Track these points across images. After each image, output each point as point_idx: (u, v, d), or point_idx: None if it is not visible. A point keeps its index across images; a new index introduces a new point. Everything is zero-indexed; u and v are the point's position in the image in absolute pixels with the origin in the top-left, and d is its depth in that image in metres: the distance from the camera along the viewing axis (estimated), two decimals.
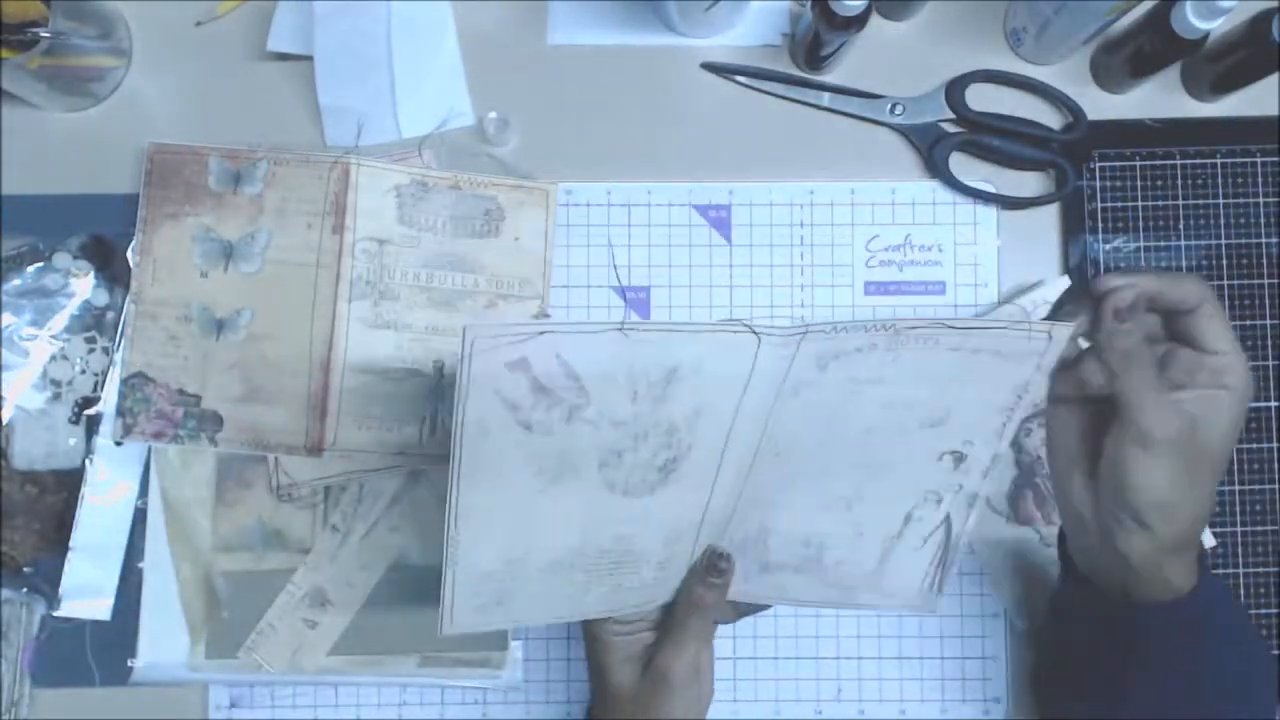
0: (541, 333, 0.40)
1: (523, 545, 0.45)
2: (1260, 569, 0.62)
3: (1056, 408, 0.47)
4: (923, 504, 0.48)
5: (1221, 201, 0.63)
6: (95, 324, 0.62)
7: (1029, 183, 0.64)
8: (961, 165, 0.64)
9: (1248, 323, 0.63)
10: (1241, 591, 0.61)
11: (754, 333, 0.41)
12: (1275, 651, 0.61)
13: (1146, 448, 0.44)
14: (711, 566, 0.48)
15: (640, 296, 0.63)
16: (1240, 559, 0.62)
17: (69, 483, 0.61)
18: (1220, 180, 0.63)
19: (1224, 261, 0.63)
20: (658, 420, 0.43)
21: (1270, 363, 0.63)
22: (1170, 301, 0.45)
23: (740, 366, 0.42)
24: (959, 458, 0.47)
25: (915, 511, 0.48)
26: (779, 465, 0.46)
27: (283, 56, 0.63)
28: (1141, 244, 0.63)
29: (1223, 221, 0.63)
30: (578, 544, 0.45)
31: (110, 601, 0.61)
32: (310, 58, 0.62)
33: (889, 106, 0.64)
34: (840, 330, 0.42)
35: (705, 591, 0.48)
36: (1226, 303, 0.63)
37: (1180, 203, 0.63)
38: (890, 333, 0.43)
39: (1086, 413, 0.46)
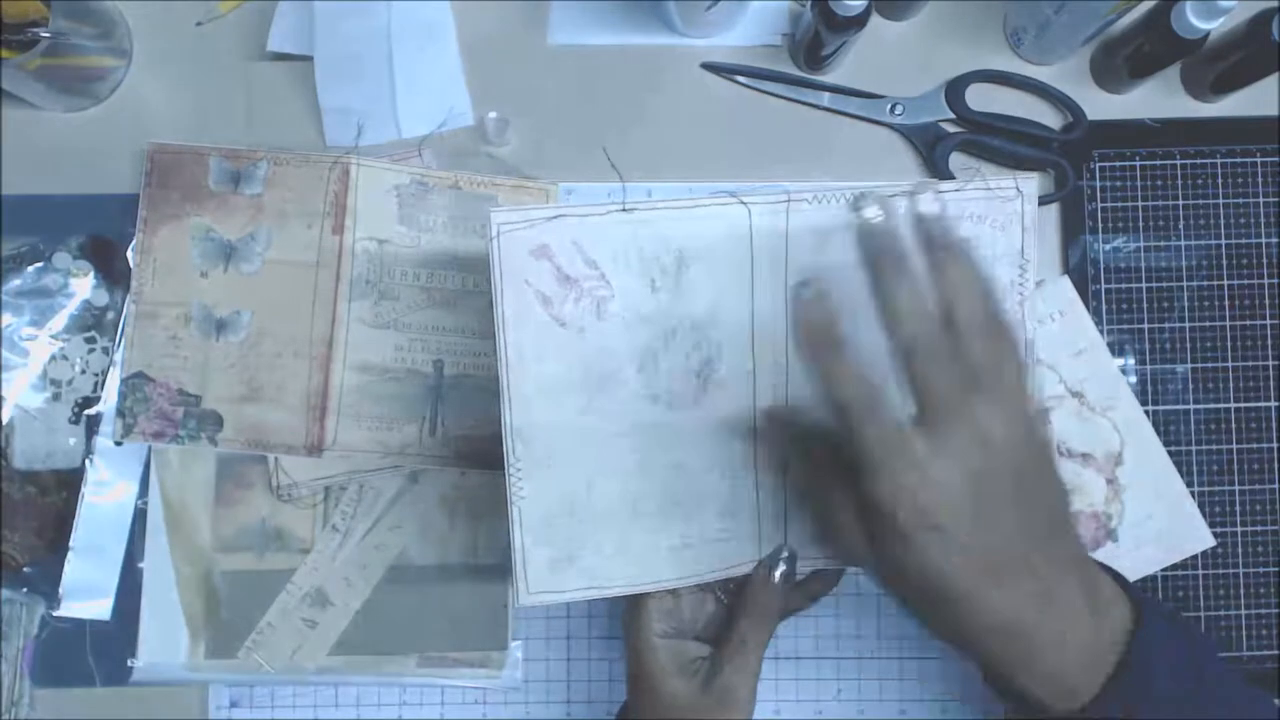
0: (556, 215, 0.45)
1: (582, 476, 0.46)
2: (1260, 569, 0.62)
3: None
4: None
5: (1221, 201, 0.63)
6: (95, 324, 0.62)
7: None
8: (962, 165, 0.63)
9: (1247, 323, 0.63)
10: (1241, 591, 0.62)
11: (742, 202, 0.46)
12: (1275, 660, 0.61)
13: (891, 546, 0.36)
14: (773, 562, 0.47)
15: None
16: (1240, 559, 0.62)
17: (69, 483, 0.61)
18: (1220, 180, 0.63)
19: (1224, 261, 0.63)
20: (681, 315, 0.46)
21: (1270, 363, 0.63)
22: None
23: (740, 244, 0.46)
24: None
25: None
26: None
27: (283, 56, 0.63)
28: (1141, 244, 0.63)
29: (1223, 221, 0.63)
30: (635, 469, 0.46)
31: (110, 601, 0.61)
32: (310, 58, 0.62)
33: (889, 106, 0.64)
34: (820, 197, 0.46)
35: (769, 597, 0.47)
36: (1226, 303, 0.63)
37: (1180, 203, 0.63)
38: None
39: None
